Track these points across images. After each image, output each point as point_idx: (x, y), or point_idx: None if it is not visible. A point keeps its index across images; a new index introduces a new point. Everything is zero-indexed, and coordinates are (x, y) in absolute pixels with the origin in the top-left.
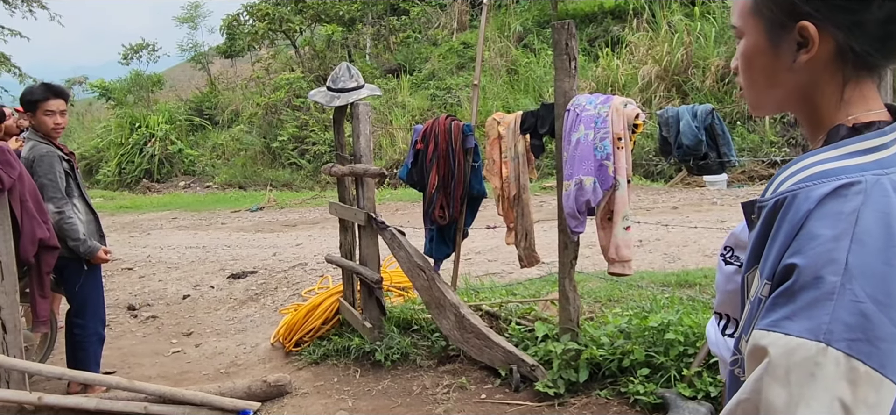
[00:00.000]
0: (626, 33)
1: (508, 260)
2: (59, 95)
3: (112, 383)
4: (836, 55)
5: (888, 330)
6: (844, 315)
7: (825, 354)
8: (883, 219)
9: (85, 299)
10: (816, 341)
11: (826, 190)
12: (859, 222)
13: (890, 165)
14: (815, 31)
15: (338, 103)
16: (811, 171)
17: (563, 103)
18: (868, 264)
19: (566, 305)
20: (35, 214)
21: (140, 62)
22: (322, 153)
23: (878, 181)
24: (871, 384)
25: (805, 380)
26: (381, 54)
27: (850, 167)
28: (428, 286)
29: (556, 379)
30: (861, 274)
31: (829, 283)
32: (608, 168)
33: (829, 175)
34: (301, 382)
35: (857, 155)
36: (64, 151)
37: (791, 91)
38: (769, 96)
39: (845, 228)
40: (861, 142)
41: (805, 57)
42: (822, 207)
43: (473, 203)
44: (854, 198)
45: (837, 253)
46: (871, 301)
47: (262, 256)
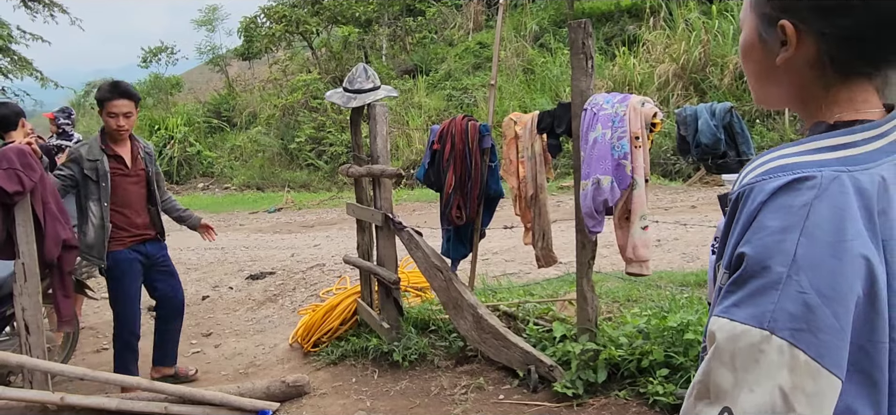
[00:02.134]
0: (642, 32)
1: (526, 260)
2: (124, 96)
3: (133, 383)
4: (819, 57)
5: (830, 323)
6: (789, 305)
7: (769, 341)
8: (836, 214)
9: (113, 306)
10: (761, 328)
11: (779, 183)
12: (810, 216)
13: (857, 163)
14: (793, 31)
15: (354, 104)
16: (771, 164)
17: (580, 103)
18: (816, 257)
19: (584, 306)
20: (57, 215)
21: (159, 65)
22: (339, 154)
23: (836, 178)
24: (810, 374)
25: (749, 365)
26: (398, 55)
27: (809, 163)
28: (445, 287)
29: (574, 380)
30: (808, 266)
31: (776, 272)
32: (626, 167)
33: (785, 169)
34: (319, 382)
35: (822, 151)
36: (110, 150)
37: (785, 88)
38: (766, 92)
39: (795, 222)
40: (828, 139)
41: (784, 56)
42: (774, 199)
43: (490, 203)
44: (806, 192)
45: (786, 244)
46: (816, 293)
47: (280, 257)
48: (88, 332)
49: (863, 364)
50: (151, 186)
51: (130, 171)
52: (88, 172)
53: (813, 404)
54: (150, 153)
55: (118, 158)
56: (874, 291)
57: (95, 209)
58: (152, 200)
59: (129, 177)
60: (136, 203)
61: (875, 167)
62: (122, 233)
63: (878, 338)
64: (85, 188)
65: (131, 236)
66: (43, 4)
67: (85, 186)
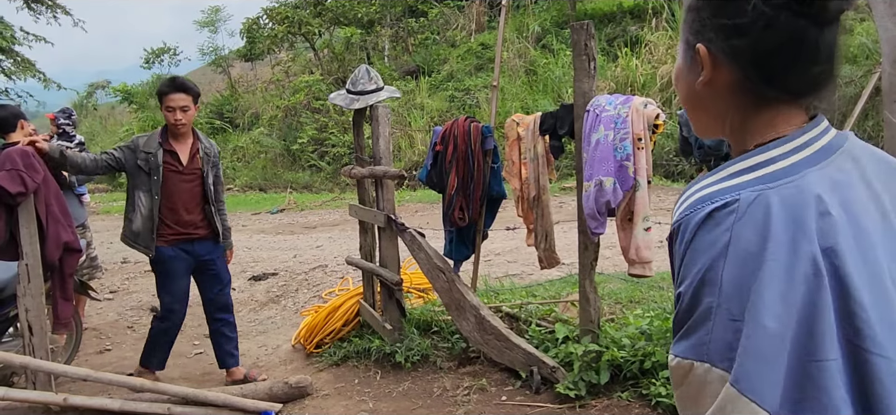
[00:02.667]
0: (645, 33)
1: (528, 261)
2: (180, 90)
3: (136, 384)
4: (735, 82)
5: (758, 346)
6: (722, 333)
7: (710, 373)
8: (758, 233)
9: (159, 297)
10: (700, 361)
11: (701, 216)
12: (733, 242)
13: (776, 179)
14: (706, 54)
15: (357, 106)
16: (694, 197)
17: (582, 104)
18: (742, 280)
19: (586, 307)
20: (60, 217)
21: (161, 66)
22: (341, 155)
23: (757, 197)
24: (735, 405)
25: (701, 400)
26: (400, 56)
27: (728, 188)
28: (448, 288)
29: (576, 381)
30: (736, 291)
31: (706, 303)
32: (628, 169)
33: (705, 200)
34: (322, 383)
35: (740, 174)
36: (167, 145)
37: (712, 115)
38: (697, 119)
39: (719, 251)
40: (744, 161)
41: (701, 80)
42: (698, 232)
43: (493, 204)
44: (726, 219)
45: (711, 273)
46: (743, 317)
47: (283, 258)
48: (91, 333)
49: (807, 390)
50: (206, 186)
51: (185, 168)
52: (141, 163)
53: None
54: (211, 155)
55: (173, 154)
56: (812, 307)
57: (145, 199)
58: (208, 200)
59: (182, 174)
60: (187, 201)
61: (798, 179)
62: (166, 229)
63: (818, 357)
64: (136, 178)
65: (176, 234)
66: (46, 6)
67: (136, 176)
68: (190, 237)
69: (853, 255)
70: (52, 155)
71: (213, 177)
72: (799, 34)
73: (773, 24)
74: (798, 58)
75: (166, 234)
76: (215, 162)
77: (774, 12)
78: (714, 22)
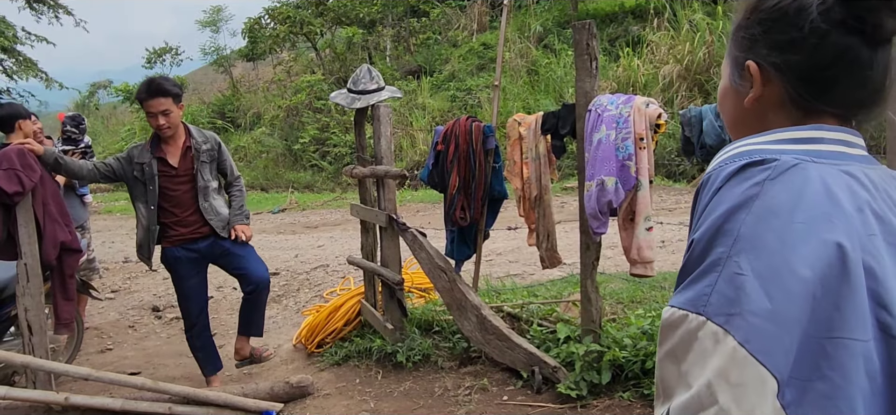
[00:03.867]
0: (646, 33)
1: (529, 261)
2: (158, 94)
3: (137, 383)
4: (783, 98)
5: (764, 306)
6: (725, 287)
7: (704, 327)
8: (790, 196)
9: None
10: (696, 313)
11: (734, 167)
12: (761, 196)
13: (822, 157)
14: (756, 70)
15: (358, 105)
16: (733, 152)
17: (584, 104)
18: (760, 237)
19: (588, 307)
20: (57, 216)
21: (163, 66)
22: (343, 155)
23: (799, 163)
24: (736, 362)
25: (687, 355)
26: (401, 56)
27: (770, 149)
28: (449, 288)
29: (578, 381)
30: (750, 246)
31: (717, 254)
32: (630, 168)
33: (744, 155)
34: (323, 383)
35: (787, 142)
36: (158, 152)
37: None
38: (737, 136)
39: (743, 201)
40: (794, 131)
41: (751, 97)
42: (728, 184)
43: (494, 204)
44: (760, 174)
45: (731, 224)
46: (753, 275)
47: (285, 257)
48: (93, 332)
49: (822, 368)
50: (196, 185)
51: (177, 171)
52: (137, 174)
53: (737, 395)
54: (204, 148)
55: (164, 161)
56: (839, 280)
57: (143, 210)
58: (205, 198)
59: (176, 178)
60: (184, 203)
61: (843, 164)
62: (171, 232)
63: (841, 334)
64: (134, 189)
65: (181, 236)
66: (48, 6)
67: (134, 187)
68: (193, 237)
69: (885, 251)
70: (46, 160)
71: (210, 170)
72: (853, 52)
73: (828, 39)
74: (850, 74)
75: (172, 236)
76: (212, 154)
77: (830, 28)
78: (767, 38)
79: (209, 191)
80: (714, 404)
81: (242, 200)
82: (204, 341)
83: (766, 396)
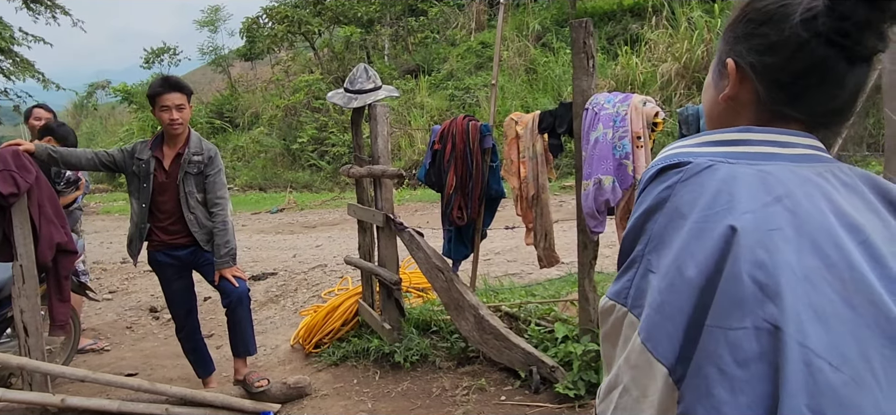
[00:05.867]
0: (645, 31)
1: (527, 260)
2: (175, 88)
3: (134, 385)
4: (754, 99)
5: (656, 299)
6: (640, 281)
7: (626, 317)
8: (693, 199)
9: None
10: (620, 303)
11: (654, 171)
12: (671, 199)
13: (741, 158)
14: (733, 68)
15: (355, 105)
16: (660, 155)
17: (581, 102)
18: (664, 236)
19: (586, 306)
20: (53, 217)
21: (162, 65)
22: (341, 154)
23: (712, 165)
24: (637, 349)
25: (615, 340)
26: (400, 55)
27: (691, 153)
28: (447, 287)
29: (576, 380)
30: (660, 244)
31: (636, 251)
32: (627, 167)
33: (665, 159)
34: (321, 383)
35: (711, 144)
36: (157, 151)
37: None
38: (710, 129)
39: (657, 204)
40: (721, 134)
41: (724, 93)
42: (649, 187)
43: (492, 204)
44: (673, 177)
45: (647, 224)
46: (657, 271)
47: (282, 257)
48: (90, 333)
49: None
50: (180, 194)
51: (167, 175)
52: (135, 168)
53: (634, 376)
54: (192, 160)
55: (159, 162)
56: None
57: (135, 207)
58: (187, 207)
59: (165, 182)
60: (170, 209)
61: (764, 164)
62: (154, 236)
63: (714, 322)
64: (131, 183)
65: (161, 242)
66: (45, 6)
67: (131, 182)
68: (174, 243)
69: (794, 245)
70: (39, 157)
71: (196, 182)
72: (829, 64)
73: (806, 48)
74: (822, 86)
75: (154, 240)
76: (200, 166)
77: (810, 38)
78: (749, 38)
79: (195, 202)
80: (621, 382)
81: (227, 235)
82: (194, 344)
83: (655, 377)
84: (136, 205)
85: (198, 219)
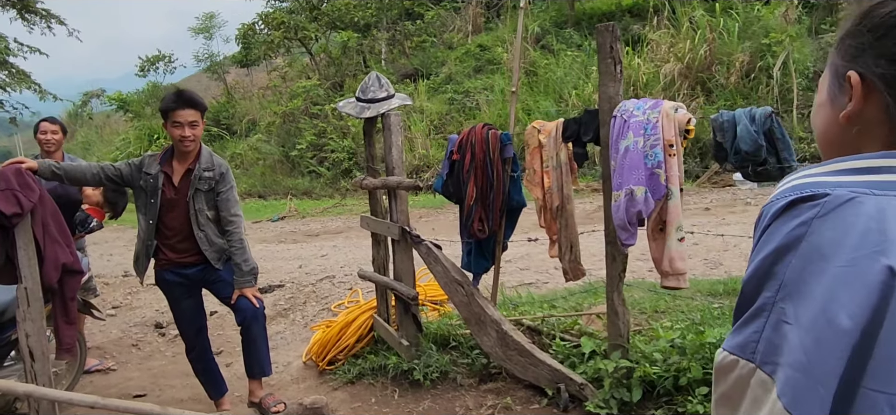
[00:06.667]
0: (646, 32)
1: (541, 269)
2: (189, 105)
3: (145, 410)
4: (883, 117)
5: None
6: (772, 335)
7: (754, 375)
8: (838, 238)
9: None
10: (746, 359)
11: (783, 204)
12: (807, 238)
13: (887, 188)
14: (858, 81)
15: (368, 115)
16: (787, 185)
17: (608, 109)
18: (804, 283)
19: (615, 320)
20: (57, 237)
21: (157, 74)
22: (340, 161)
23: (854, 198)
24: (776, 413)
25: (738, 402)
26: (397, 59)
27: (826, 183)
28: (467, 302)
29: (607, 399)
30: (796, 292)
31: (764, 298)
32: (660, 177)
33: (795, 190)
34: (338, 403)
35: (846, 173)
36: (166, 167)
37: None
38: (827, 155)
39: (790, 243)
40: (856, 160)
41: (847, 111)
42: (776, 222)
43: (512, 214)
44: (807, 211)
45: (776, 266)
46: (796, 324)
47: (288, 268)
48: (95, 352)
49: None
50: (190, 211)
51: (176, 192)
52: (143, 183)
53: None
54: (203, 176)
55: (168, 177)
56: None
57: (142, 223)
58: (197, 225)
59: (174, 199)
60: (179, 226)
61: None
62: (161, 254)
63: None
64: (138, 198)
65: (169, 261)
66: (40, 16)
67: (138, 196)
68: (182, 262)
69: None
70: (42, 174)
71: (207, 199)
72: None
73: None
74: None
75: (161, 258)
76: (211, 183)
77: None
78: (877, 47)
79: (205, 219)
80: None
81: (245, 254)
82: (205, 364)
83: None
84: (143, 221)
85: (208, 237)
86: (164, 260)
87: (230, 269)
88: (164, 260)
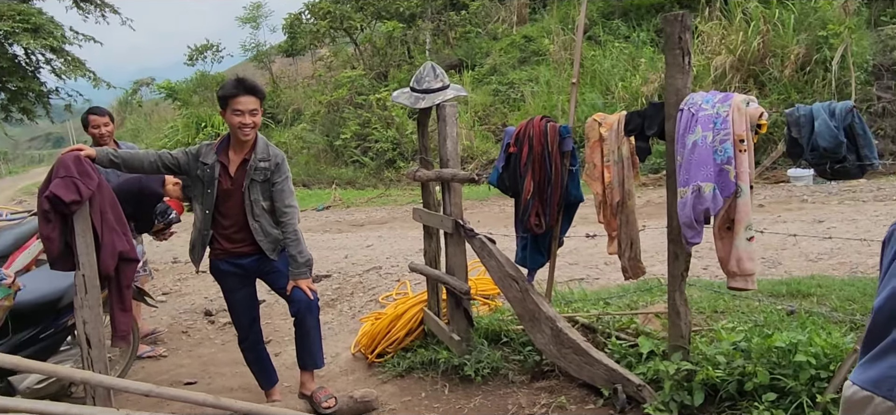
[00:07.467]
0: (697, 22)
1: (591, 264)
2: (249, 92)
3: (198, 399)
4: None
5: None
6: None
7: (892, 414)
8: None
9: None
10: (881, 395)
11: None
12: None
13: None
14: None
15: (422, 105)
16: None
17: (675, 102)
18: None
19: (677, 321)
20: (115, 225)
21: (205, 63)
22: (384, 151)
23: None
24: None
25: None
26: (441, 50)
27: None
28: (521, 298)
29: (667, 402)
30: None
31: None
32: (729, 173)
33: None
34: (387, 397)
35: None
36: (223, 156)
37: None
38: None
39: None
40: None
41: None
42: None
43: (570, 209)
44: None
45: None
46: None
47: (334, 258)
48: (148, 339)
49: None
50: (246, 201)
51: (232, 182)
52: (199, 172)
53: None
54: (259, 167)
55: (224, 167)
56: None
57: (199, 213)
58: (253, 215)
59: (230, 188)
60: (234, 216)
61: None
62: (216, 244)
63: None
64: (195, 188)
65: (224, 250)
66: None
67: (195, 186)
68: (237, 252)
69: None
70: (100, 161)
71: (262, 189)
72: None
73: None
74: None
75: (216, 248)
76: (267, 173)
77: None
78: None
79: (260, 210)
80: None
81: (300, 245)
82: (257, 354)
83: None
84: (199, 211)
85: (263, 227)
86: (220, 250)
87: (285, 260)
88: (220, 250)
